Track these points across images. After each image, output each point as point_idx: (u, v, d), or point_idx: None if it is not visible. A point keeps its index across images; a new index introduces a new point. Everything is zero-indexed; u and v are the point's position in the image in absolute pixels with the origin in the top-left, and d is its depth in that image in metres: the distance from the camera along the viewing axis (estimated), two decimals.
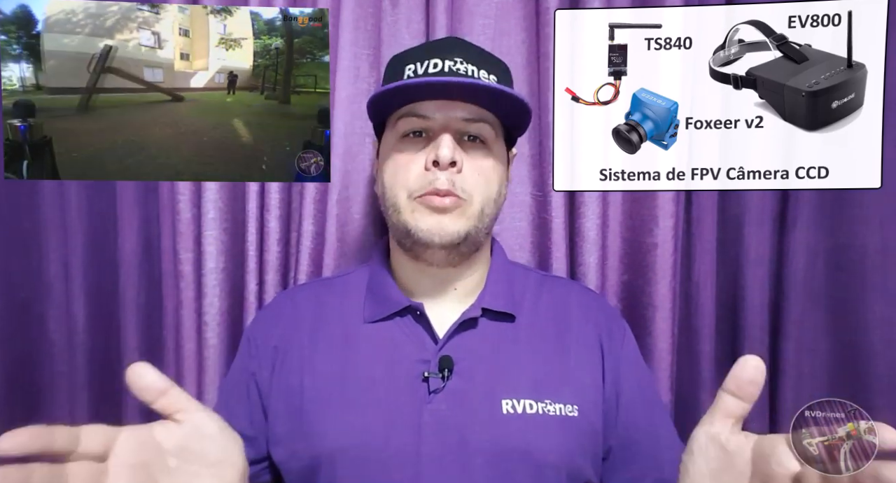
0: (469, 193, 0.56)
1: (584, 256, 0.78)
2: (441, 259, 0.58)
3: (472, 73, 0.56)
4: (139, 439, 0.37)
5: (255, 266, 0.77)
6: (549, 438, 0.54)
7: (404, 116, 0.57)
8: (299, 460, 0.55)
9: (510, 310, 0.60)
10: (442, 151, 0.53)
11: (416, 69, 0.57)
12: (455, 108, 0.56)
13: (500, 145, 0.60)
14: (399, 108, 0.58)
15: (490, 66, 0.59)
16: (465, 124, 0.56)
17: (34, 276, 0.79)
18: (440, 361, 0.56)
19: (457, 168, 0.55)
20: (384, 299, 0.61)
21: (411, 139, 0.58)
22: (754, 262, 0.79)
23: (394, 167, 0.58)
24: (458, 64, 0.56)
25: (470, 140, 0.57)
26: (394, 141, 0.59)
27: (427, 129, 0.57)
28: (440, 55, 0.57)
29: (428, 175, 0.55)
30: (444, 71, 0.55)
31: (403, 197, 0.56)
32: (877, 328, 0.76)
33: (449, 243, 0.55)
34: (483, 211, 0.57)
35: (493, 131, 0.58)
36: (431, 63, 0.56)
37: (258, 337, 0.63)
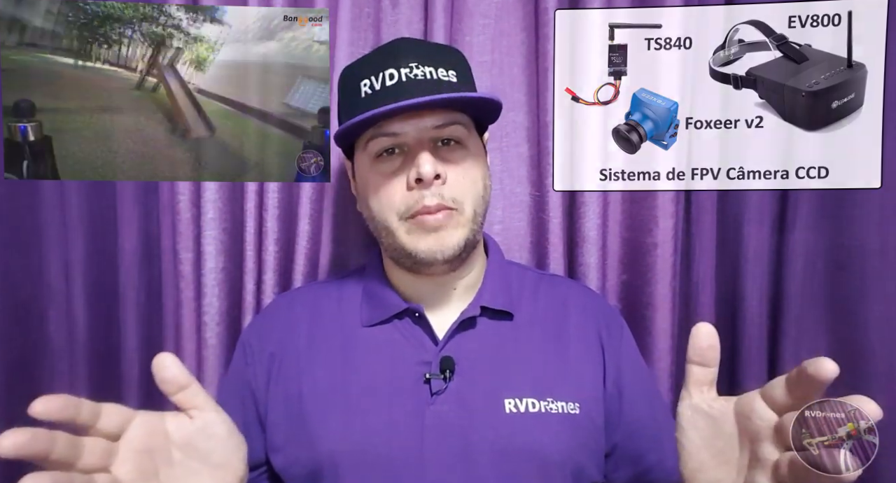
0: (459, 201, 0.55)
1: (584, 256, 0.78)
2: (442, 270, 0.58)
3: (429, 74, 0.54)
4: (151, 426, 0.39)
5: (254, 266, 0.77)
6: (553, 437, 0.54)
7: (373, 138, 0.55)
8: (301, 467, 0.55)
9: (508, 308, 0.60)
10: (423, 169, 0.52)
11: (371, 84, 0.55)
12: (423, 118, 0.54)
13: (474, 139, 0.59)
14: (365, 131, 0.56)
15: (446, 61, 0.56)
16: (436, 131, 0.55)
17: (34, 276, 0.79)
18: (441, 362, 0.55)
19: (441, 181, 0.54)
20: (382, 303, 0.60)
21: (385, 158, 0.56)
22: (754, 262, 0.78)
23: (376, 190, 0.56)
24: (415, 69, 0.54)
25: (445, 144, 0.56)
26: (368, 162, 0.57)
27: (399, 144, 0.56)
28: (393, 63, 0.54)
29: (413, 194, 0.54)
30: (401, 80, 0.53)
31: (394, 220, 0.55)
32: (876, 328, 0.76)
33: (451, 257, 0.55)
34: (475, 212, 0.56)
35: (466, 130, 0.57)
36: (386, 74, 0.54)
37: (254, 344, 0.62)
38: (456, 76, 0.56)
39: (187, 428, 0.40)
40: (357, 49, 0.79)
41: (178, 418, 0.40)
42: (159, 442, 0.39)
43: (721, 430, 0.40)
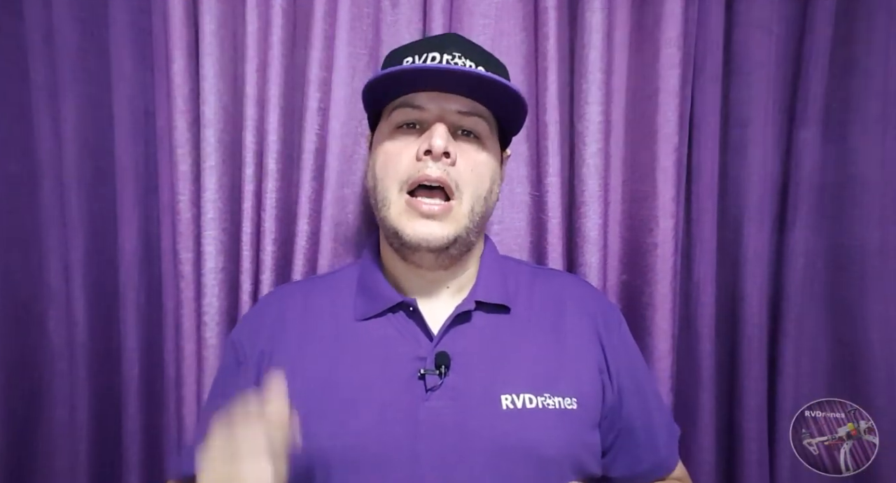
0: (461, 189, 0.55)
1: (585, 256, 0.77)
2: (430, 262, 0.58)
3: (469, 66, 0.56)
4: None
5: (251, 266, 0.77)
6: (550, 432, 0.53)
7: (399, 107, 0.57)
8: (293, 464, 0.52)
9: (504, 301, 0.60)
10: (435, 141, 0.53)
11: (413, 61, 0.57)
12: (450, 101, 0.56)
13: (494, 142, 0.60)
14: (394, 99, 0.58)
15: (488, 62, 0.59)
16: (459, 117, 0.56)
17: (34, 276, 0.79)
18: (436, 358, 0.55)
19: (451, 160, 0.54)
20: (376, 296, 0.60)
21: (405, 130, 0.57)
22: (754, 262, 0.78)
23: (385, 157, 0.57)
24: (457, 58, 0.56)
25: (464, 134, 0.57)
26: (387, 132, 0.58)
27: (421, 120, 0.57)
28: (439, 49, 0.57)
29: (419, 164, 0.55)
30: (441, 63, 0.55)
31: (394, 190, 0.56)
32: (876, 328, 0.76)
33: (437, 248, 0.55)
34: (473, 209, 0.56)
35: (488, 127, 0.58)
36: (430, 56, 0.56)
37: (244, 342, 0.61)
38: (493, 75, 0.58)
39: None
40: (357, 49, 0.79)
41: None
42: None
43: None
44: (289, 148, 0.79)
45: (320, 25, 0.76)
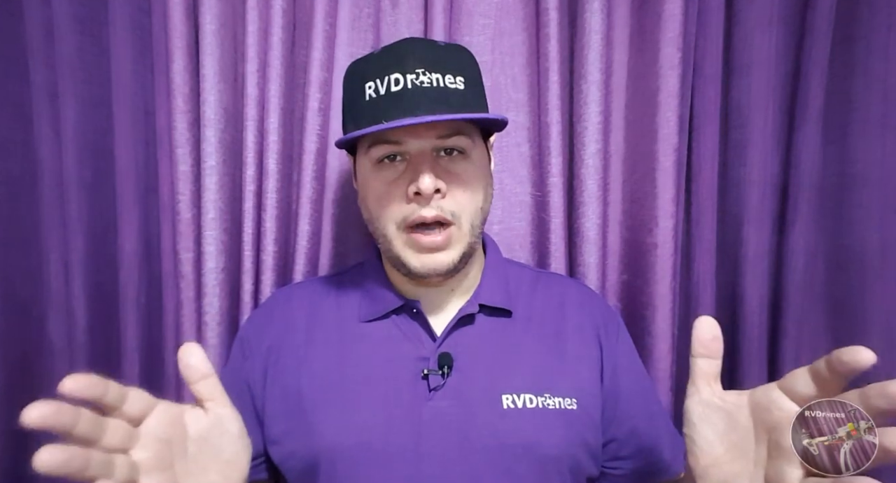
0: (457, 215, 0.55)
1: (584, 256, 0.77)
2: (438, 282, 0.58)
3: (436, 82, 0.53)
4: (171, 416, 0.40)
5: (251, 266, 0.77)
6: (550, 432, 0.54)
7: (375, 144, 0.55)
8: (298, 460, 0.55)
9: (507, 305, 0.60)
10: (423, 184, 0.51)
11: (376, 87, 0.53)
12: (428, 129, 0.53)
13: (478, 148, 0.58)
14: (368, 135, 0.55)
15: (454, 66, 0.55)
16: (440, 142, 0.54)
17: (34, 276, 0.79)
18: (439, 358, 0.56)
19: (441, 195, 0.54)
20: (380, 298, 0.61)
21: (387, 164, 0.56)
22: (754, 262, 0.78)
23: (375, 196, 0.56)
24: (421, 76, 0.52)
25: (448, 153, 0.56)
26: (369, 166, 0.57)
27: (401, 152, 0.55)
28: (399, 68, 0.53)
29: (411, 205, 0.54)
30: (406, 87, 0.52)
31: (392, 228, 0.55)
32: (876, 328, 0.76)
33: (445, 273, 0.56)
34: (472, 226, 0.56)
35: (470, 139, 0.56)
36: (392, 79, 0.52)
37: (251, 338, 0.62)
38: (464, 82, 0.55)
39: (203, 422, 0.41)
40: (357, 49, 0.79)
41: (195, 412, 0.42)
42: (178, 433, 0.40)
43: (736, 423, 0.40)
44: (289, 148, 0.79)
45: (321, 26, 0.76)
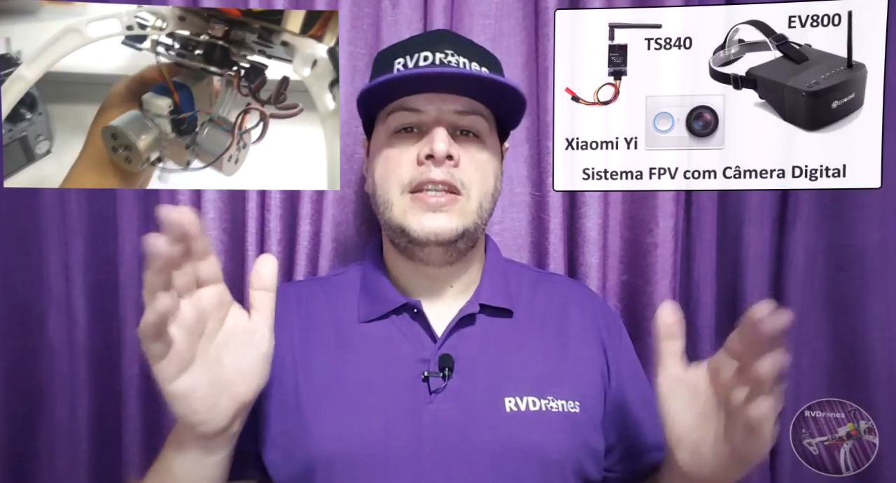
0: (467, 187, 0.55)
1: (585, 256, 0.78)
2: (438, 258, 0.57)
3: (463, 64, 0.55)
4: (221, 299, 0.43)
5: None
6: (553, 436, 0.53)
7: (394, 111, 0.56)
8: (294, 464, 0.53)
9: (508, 305, 0.60)
10: (437, 145, 0.52)
11: (405, 63, 0.56)
12: (447, 101, 0.55)
13: (493, 139, 0.60)
14: (389, 103, 0.57)
15: (481, 57, 0.58)
16: (457, 117, 0.55)
17: (34, 277, 0.79)
18: (440, 360, 0.54)
19: (454, 162, 0.54)
20: (379, 298, 0.59)
21: (403, 135, 0.56)
22: (754, 262, 0.78)
23: (385, 163, 0.57)
24: (449, 56, 0.55)
25: (463, 134, 0.57)
26: (385, 137, 0.57)
27: (419, 123, 0.56)
28: (430, 48, 0.56)
29: (421, 168, 0.54)
30: (434, 63, 0.55)
31: (396, 192, 0.55)
32: (876, 328, 0.76)
33: (446, 241, 0.54)
34: (481, 206, 0.56)
35: (487, 124, 0.58)
36: (421, 56, 0.55)
37: None
38: (489, 72, 0.56)
39: (241, 322, 0.44)
40: (357, 49, 0.79)
41: (241, 311, 0.45)
42: (221, 315, 0.43)
43: (699, 393, 0.46)
44: None
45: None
